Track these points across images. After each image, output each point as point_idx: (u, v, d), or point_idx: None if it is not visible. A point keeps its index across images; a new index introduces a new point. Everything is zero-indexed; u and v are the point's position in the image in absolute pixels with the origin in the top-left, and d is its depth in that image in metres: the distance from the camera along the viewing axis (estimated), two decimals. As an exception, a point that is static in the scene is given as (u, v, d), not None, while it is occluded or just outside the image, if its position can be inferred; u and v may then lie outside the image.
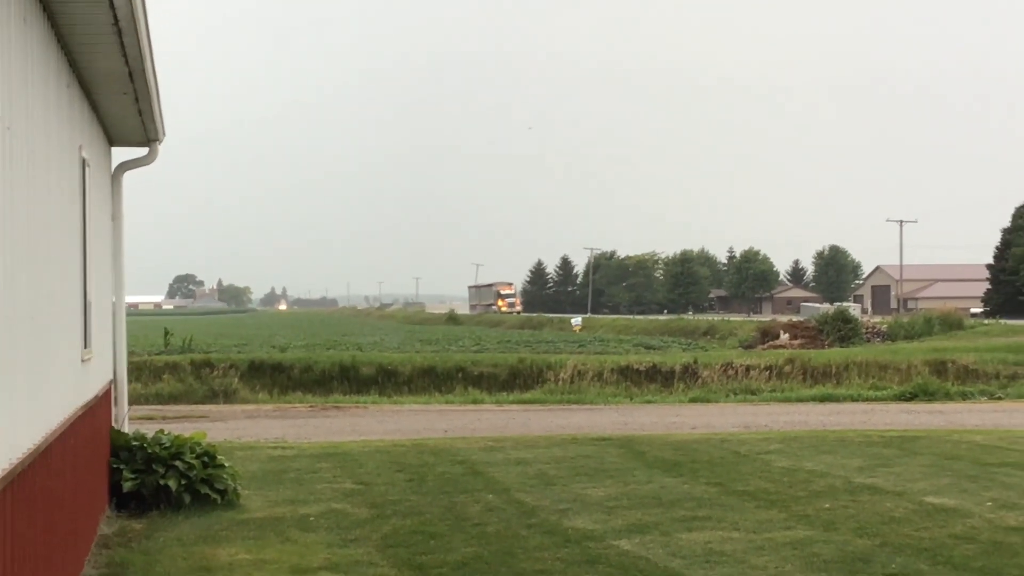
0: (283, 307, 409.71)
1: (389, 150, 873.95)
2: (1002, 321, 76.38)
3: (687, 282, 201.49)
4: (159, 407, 30.52)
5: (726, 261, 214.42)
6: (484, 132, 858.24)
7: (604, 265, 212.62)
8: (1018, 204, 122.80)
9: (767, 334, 68.36)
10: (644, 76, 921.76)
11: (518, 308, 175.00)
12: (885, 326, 68.07)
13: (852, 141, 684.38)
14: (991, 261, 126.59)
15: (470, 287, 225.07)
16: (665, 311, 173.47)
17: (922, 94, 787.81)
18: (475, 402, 33.93)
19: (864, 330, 65.65)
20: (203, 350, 46.43)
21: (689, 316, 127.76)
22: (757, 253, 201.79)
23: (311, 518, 13.72)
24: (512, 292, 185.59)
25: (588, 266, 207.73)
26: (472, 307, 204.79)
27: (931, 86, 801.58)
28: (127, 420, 15.63)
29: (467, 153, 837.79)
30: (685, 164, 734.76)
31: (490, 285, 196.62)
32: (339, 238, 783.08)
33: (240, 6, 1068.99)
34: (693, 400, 34.64)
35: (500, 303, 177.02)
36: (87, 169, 11.33)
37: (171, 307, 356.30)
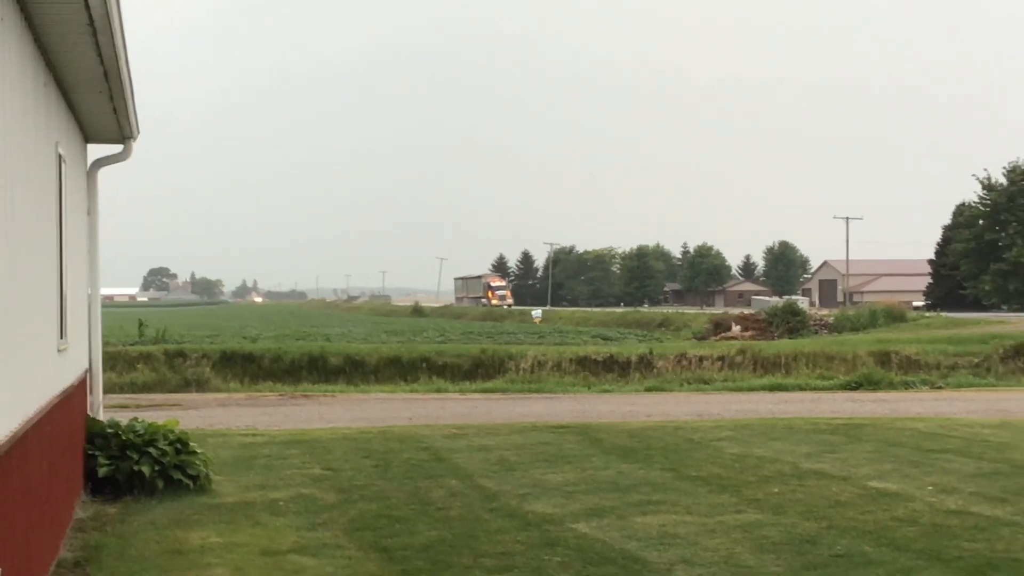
0: (259, 299, 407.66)
1: (355, 148, 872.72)
2: (943, 314, 76.99)
3: (643, 276, 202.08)
4: (133, 396, 30.32)
5: (680, 256, 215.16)
6: (448, 130, 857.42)
7: (563, 259, 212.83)
8: (958, 203, 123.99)
9: (719, 326, 68.61)
10: (604, 75, 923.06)
11: (509, 301, 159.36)
12: (832, 319, 68.37)
13: (801, 141, 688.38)
14: (933, 257, 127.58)
15: (456, 279, 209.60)
16: (622, 304, 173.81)
17: (869, 97, 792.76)
18: (439, 391, 33.88)
19: (812, 322, 65.92)
20: (176, 341, 46.17)
21: (645, 309, 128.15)
22: (710, 248, 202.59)
23: (280, 503, 13.67)
24: (503, 284, 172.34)
25: (548, 260, 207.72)
26: (458, 299, 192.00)
27: (877, 89, 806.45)
28: (102, 408, 15.53)
29: (431, 151, 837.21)
30: (642, 162, 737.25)
31: (479, 277, 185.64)
32: (308, 233, 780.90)
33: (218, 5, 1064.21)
34: (648, 389, 34.69)
35: (490, 296, 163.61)
36: (63, 165, 11.25)
37: (145, 299, 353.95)
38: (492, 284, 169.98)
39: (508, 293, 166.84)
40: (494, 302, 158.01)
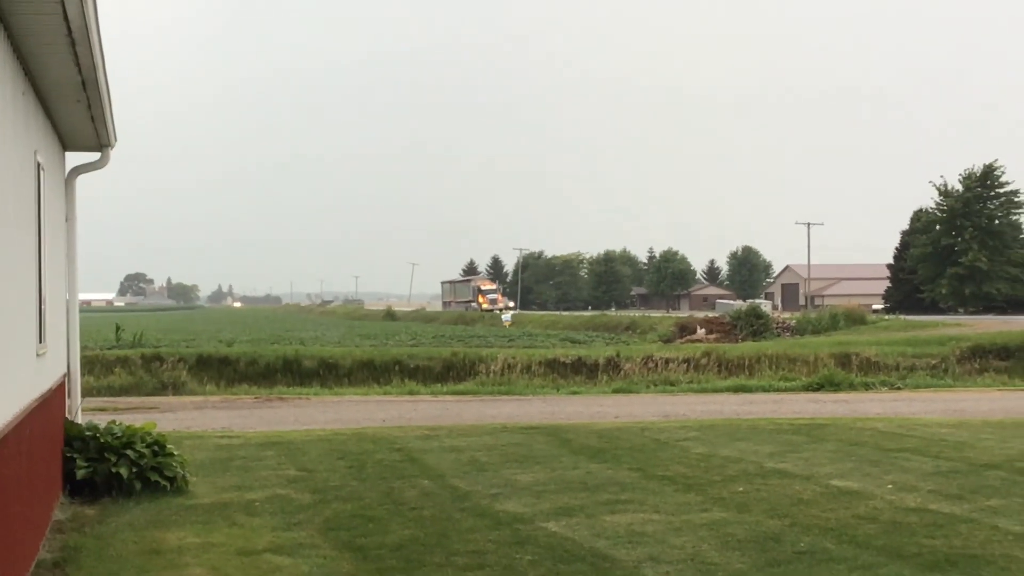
0: (238, 304, 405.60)
1: (329, 155, 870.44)
2: (901, 317, 77.42)
3: (610, 280, 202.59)
4: (111, 399, 30.14)
5: (647, 261, 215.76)
6: (422, 138, 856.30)
7: (532, 264, 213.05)
8: (916, 208, 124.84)
9: (685, 329, 68.88)
10: (573, 85, 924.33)
11: (502, 305, 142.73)
12: (794, 321, 68.65)
13: (764, 147, 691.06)
14: (891, 261, 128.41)
15: (443, 283, 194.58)
16: (589, 307, 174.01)
17: (828, 105, 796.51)
18: (411, 393, 33.80)
19: (775, 325, 66.22)
20: (153, 345, 46.01)
21: (612, 312, 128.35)
22: (675, 253, 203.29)
23: (256, 503, 13.62)
24: (494, 288, 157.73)
25: (517, 265, 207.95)
26: (445, 304, 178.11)
27: (836, 97, 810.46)
28: (80, 411, 15.43)
29: (404, 158, 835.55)
30: (609, 168, 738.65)
31: (467, 280, 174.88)
32: (283, 238, 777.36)
33: (191, 14, 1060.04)
34: (616, 391, 34.73)
35: (481, 300, 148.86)
36: (42, 173, 11.17)
37: (122, 304, 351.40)
38: (483, 288, 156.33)
39: (500, 297, 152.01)
40: (484, 306, 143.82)
